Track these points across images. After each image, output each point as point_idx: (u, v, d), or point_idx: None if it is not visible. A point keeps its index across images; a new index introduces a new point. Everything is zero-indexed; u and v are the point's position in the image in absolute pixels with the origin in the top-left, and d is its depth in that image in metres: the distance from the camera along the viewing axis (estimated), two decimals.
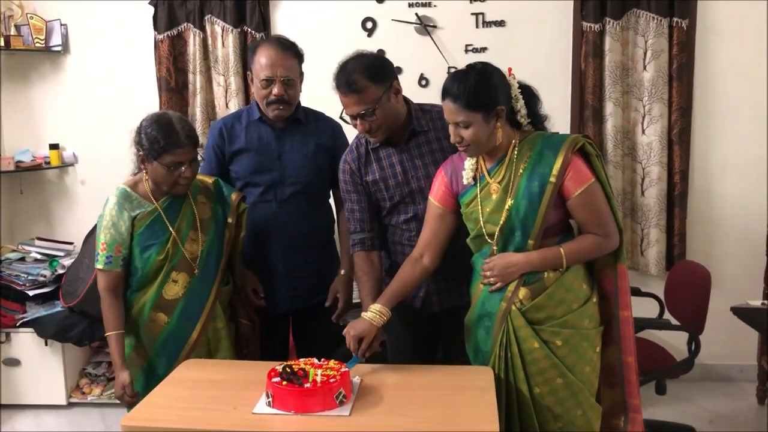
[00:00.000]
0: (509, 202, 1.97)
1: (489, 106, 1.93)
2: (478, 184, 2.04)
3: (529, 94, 2.03)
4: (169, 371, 2.23)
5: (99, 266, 2.25)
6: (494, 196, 2.01)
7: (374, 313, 2.05)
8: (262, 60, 2.44)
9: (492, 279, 2.03)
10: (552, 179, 1.93)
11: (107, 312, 2.24)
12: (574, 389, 1.99)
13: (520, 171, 1.97)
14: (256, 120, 2.57)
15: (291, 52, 2.49)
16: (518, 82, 2.01)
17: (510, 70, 2.01)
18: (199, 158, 2.30)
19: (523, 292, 1.99)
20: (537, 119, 2.06)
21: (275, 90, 2.44)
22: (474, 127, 1.93)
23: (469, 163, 2.05)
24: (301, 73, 2.54)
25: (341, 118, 2.25)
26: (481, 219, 2.03)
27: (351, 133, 2.39)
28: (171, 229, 2.27)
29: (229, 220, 2.41)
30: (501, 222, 1.98)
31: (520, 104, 2.00)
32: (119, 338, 2.23)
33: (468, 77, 1.94)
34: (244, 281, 2.51)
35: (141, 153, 2.22)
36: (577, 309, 1.99)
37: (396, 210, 2.30)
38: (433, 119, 2.29)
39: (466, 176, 2.05)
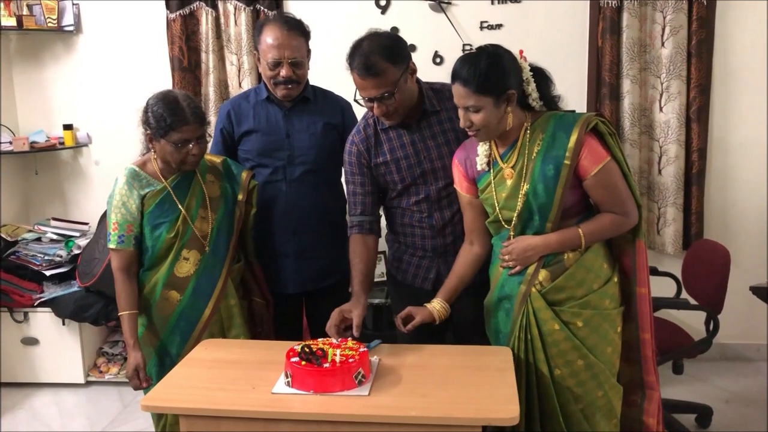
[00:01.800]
0: (525, 187, 1.95)
1: (500, 90, 1.89)
2: (492, 170, 2.02)
3: (540, 76, 1.99)
4: (182, 350, 2.26)
5: (111, 246, 2.26)
6: (508, 182, 1.98)
7: (439, 307, 2.10)
8: (268, 40, 2.41)
9: (511, 263, 2.02)
10: (566, 161, 1.90)
11: (120, 292, 2.26)
12: (596, 371, 1.98)
13: (534, 154, 1.95)
14: (264, 100, 2.55)
15: (297, 31, 2.44)
16: (530, 65, 1.97)
17: (521, 52, 1.97)
18: (208, 136, 2.29)
19: (543, 274, 1.98)
20: (550, 101, 2.02)
21: (283, 72, 2.42)
22: (484, 111, 1.90)
23: (482, 149, 2.03)
24: (309, 51, 2.51)
25: (355, 100, 2.20)
26: (496, 205, 2.01)
27: (359, 111, 2.36)
28: (180, 207, 2.27)
29: (240, 197, 2.41)
30: (518, 207, 1.97)
31: (532, 87, 1.96)
32: (132, 318, 2.24)
33: (479, 61, 1.89)
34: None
35: (148, 132, 2.22)
36: (597, 289, 1.98)
37: (407, 192, 2.28)
38: (443, 99, 2.25)
39: (480, 162, 2.03)
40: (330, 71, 2.49)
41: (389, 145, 2.25)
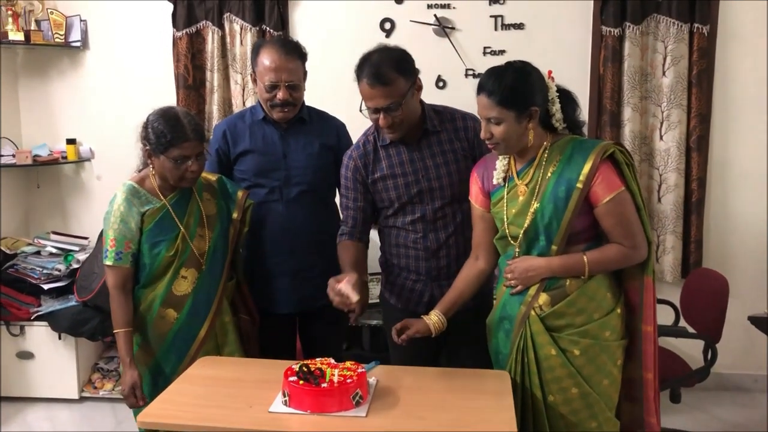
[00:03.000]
0: (535, 205, 1.95)
1: (523, 105, 1.90)
2: (507, 185, 2.03)
3: (567, 98, 2.00)
4: (177, 368, 2.25)
5: (108, 262, 2.24)
6: (521, 198, 1.98)
7: (435, 320, 2.08)
8: (265, 62, 2.42)
9: (513, 282, 2.01)
10: (579, 185, 1.89)
11: (116, 309, 2.25)
12: (590, 401, 1.95)
13: (549, 174, 1.95)
14: (261, 120, 2.56)
15: (295, 54, 2.46)
16: (557, 86, 1.98)
17: (550, 72, 1.98)
18: (206, 153, 2.30)
19: (543, 298, 1.97)
20: (573, 124, 2.03)
21: (280, 95, 2.43)
22: (505, 124, 1.91)
23: (500, 164, 2.04)
24: (305, 73, 2.52)
25: (360, 111, 2.20)
26: (505, 220, 2.01)
27: (354, 132, 2.36)
28: (180, 225, 2.27)
29: (234, 215, 2.41)
30: (525, 225, 1.96)
31: (556, 108, 1.97)
32: (128, 335, 2.23)
33: (505, 74, 1.91)
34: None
35: (148, 148, 2.23)
36: (598, 319, 1.95)
37: (402, 210, 2.29)
38: (444, 120, 2.28)
39: (497, 177, 2.04)
40: (335, 93, 2.51)
41: (388, 162, 2.27)
